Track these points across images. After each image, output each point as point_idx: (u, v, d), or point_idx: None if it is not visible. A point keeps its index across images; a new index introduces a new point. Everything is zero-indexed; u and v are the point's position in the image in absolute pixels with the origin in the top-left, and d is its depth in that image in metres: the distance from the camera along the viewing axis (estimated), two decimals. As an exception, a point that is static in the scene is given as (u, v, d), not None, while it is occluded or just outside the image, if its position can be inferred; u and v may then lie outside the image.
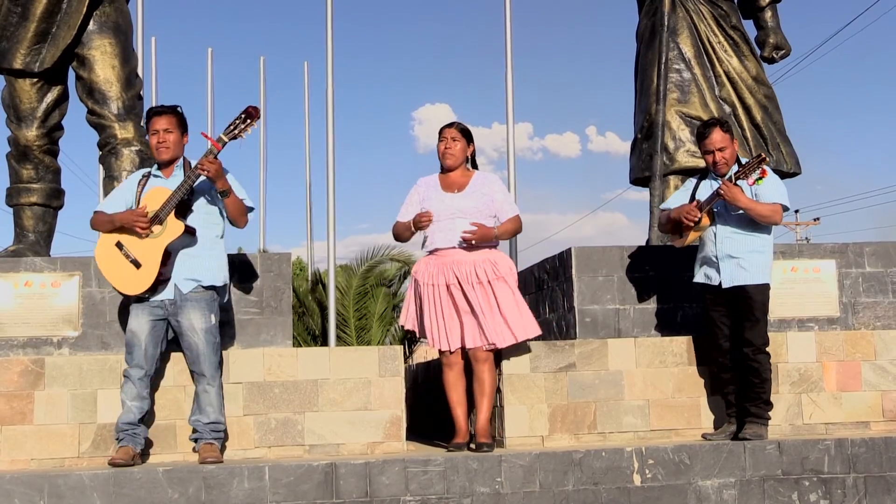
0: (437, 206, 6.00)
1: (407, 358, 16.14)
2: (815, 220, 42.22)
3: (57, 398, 5.75)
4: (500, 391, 6.14)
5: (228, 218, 5.70)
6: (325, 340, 11.42)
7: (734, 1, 8.20)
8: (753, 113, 7.92)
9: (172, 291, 5.53)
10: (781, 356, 6.43)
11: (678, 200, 6.23)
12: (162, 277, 5.50)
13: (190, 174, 5.48)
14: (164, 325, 5.57)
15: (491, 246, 6.01)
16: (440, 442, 6.48)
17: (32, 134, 6.78)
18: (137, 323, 5.49)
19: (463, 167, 6.12)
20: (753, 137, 7.88)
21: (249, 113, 5.46)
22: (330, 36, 9.67)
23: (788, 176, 7.99)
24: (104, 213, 5.68)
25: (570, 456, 5.50)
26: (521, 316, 5.95)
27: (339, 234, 10.06)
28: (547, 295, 7.48)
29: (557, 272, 7.26)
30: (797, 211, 41.98)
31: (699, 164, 7.29)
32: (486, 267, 5.89)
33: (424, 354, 16.32)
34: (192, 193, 5.57)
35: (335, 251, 9.59)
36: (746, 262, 5.88)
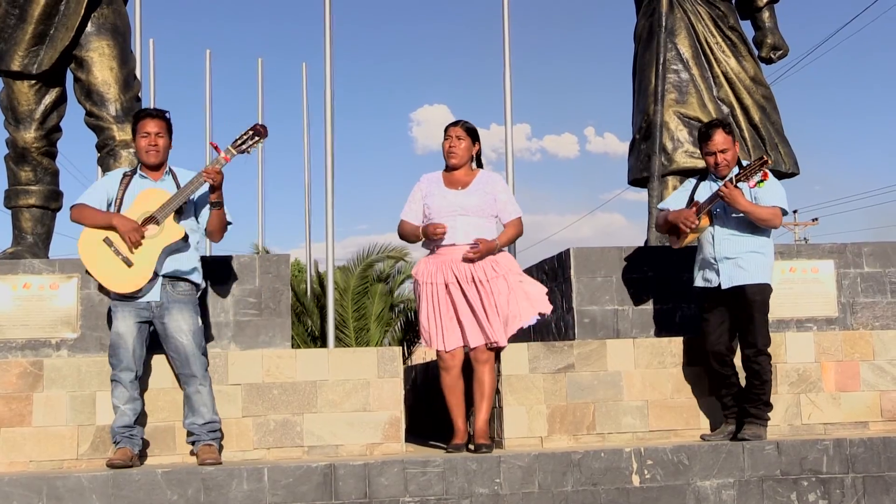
0: (438, 202, 5.99)
1: (406, 359, 16.15)
2: (813, 220, 42.26)
3: (55, 400, 5.75)
4: (498, 392, 6.14)
5: (207, 229, 5.69)
6: (323, 341, 11.42)
7: (732, 1, 8.20)
8: (751, 113, 7.92)
9: (158, 293, 5.51)
10: (780, 356, 6.43)
11: (677, 200, 6.21)
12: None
13: (195, 180, 5.50)
14: (147, 327, 5.55)
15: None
16: (439, 443, 6.48)
17: (31, 136, 6.78)
18: (125, 325, 5.46)
19: (468, 166, 6.11)
20: (751, 138, 7.88)
21: (258, 130, 5.53)
22: (328, 37, 9.68)
23: (787, 176, 8.00)
24: (89, 206, 5.55)
25: (568, 457, 5.51)
26: (520, 310, 5.93)
27: (337, 235, 10.10)
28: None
29: (556, 273, 7.27)
30: (795, 211, 42.01)
31: (697, 164, 7.30)
32: (484, 265, 5.88)
33: (423, 355, 16.31)
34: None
35: (334, 252, 9.60)
36: (745, 261, 5.86)
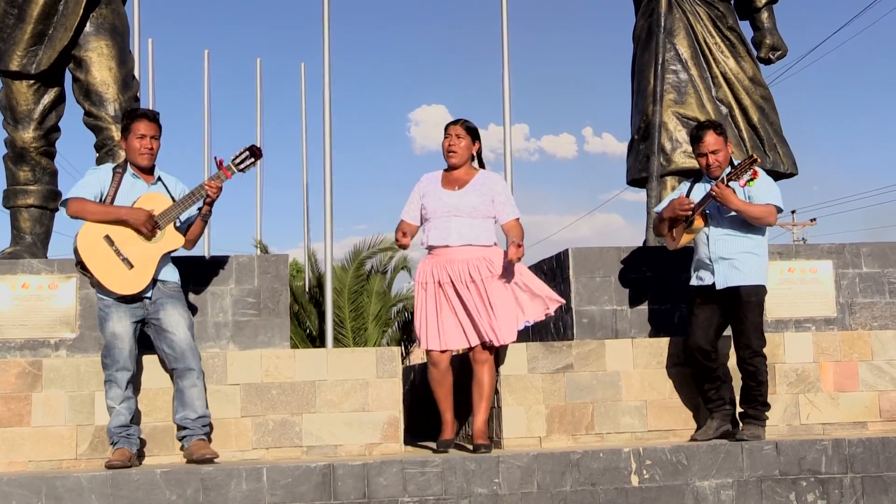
0: (434, 203, 5.98)
1: (404, 359, 16.16)
2: (811, 220, 42.27)
3: (54, 400, 5.74)
4: (497, 392, 6.14)
5: (186, 237, 5.71)
6: (321, 341, 11.43)
7: (731, 2, 8.21)
8: (750, 114, 7.93)
9: (151, 291, 5.56)
10: (779, 357, 6.44)
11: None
12: None
13: (196, 192, 5.58)
14: (139, 326, 5.59)
15: (486, 244, 5.96)
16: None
17: (29, 136, 6.78)
18: (122, 326, 5.47)
19: (468, 165, 6.08)
20: (750, 138, 7.88)
21: (254, 152, 5.70)
22: (326, 37, 9.69)
23: (785, 176, 8.01)
24: (90, 200, 5.54)
25: (567, 457, 5.51)
26: (515, 312, 5.91)
27: (336, 235, 10.10)
28: (544, 296, 7.47)
29: (555, 273, 7.27)
30: (794, 212, 42.04)
31: (696, 164, 7.28)
32: (479, 265, 5.86)
33: (422, 355, 16.30)
34: None
35: (332, 252, 9.63)
36: (740, 262, 5.86)
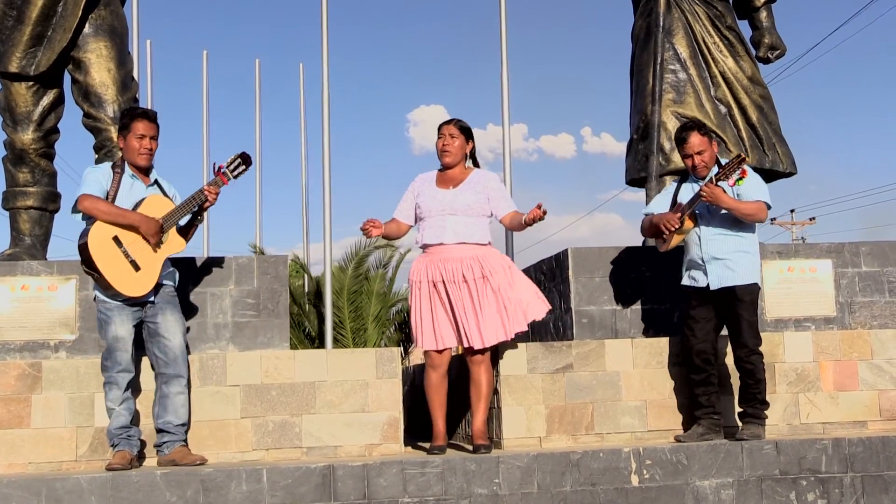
0: (428, 202, 5.98)
1: (404, 359, 16.15)
2: (810, 219, 42.27)
3: (54, 402, 5.74)
4: (497, 392, 6.14)
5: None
6: (321, 342, 11.42)
7: (729, 1, 8.21)
8: (749, 113, 7.93)
9: (154, 293, 5.58)
10: (778, 356, 6.44)
11: (660, 204, 6.21)
12: None
13: (196, 196, 5.61)
14: (137, 328, 5.62)
15: (481, 243, 5.95)
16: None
17: (28, 137, 6.78)
18: (125, 329, 5.49)
19: (462, 164, 6.08)
20: (749, 137, 7.88)
21: (245, 160, 5.75)
22: (325, 37, 9.68)
23: (784, 176, 8.01)
24: (103, 199, 5.50)
25: (567, 457, 5.51)
26: (507, 313, 5.84)
27: (334, 235, 10.09)
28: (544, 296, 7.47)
29: (554, 273, 7.27)
30: (793, 211, 42.05)
31: (694, 164, 7.29)
32: (473, 264, 5.84)
33: (421, 356, 16.30)
34: None
35: (331, 253, 9.60)
36: (734, 262, 5.87)
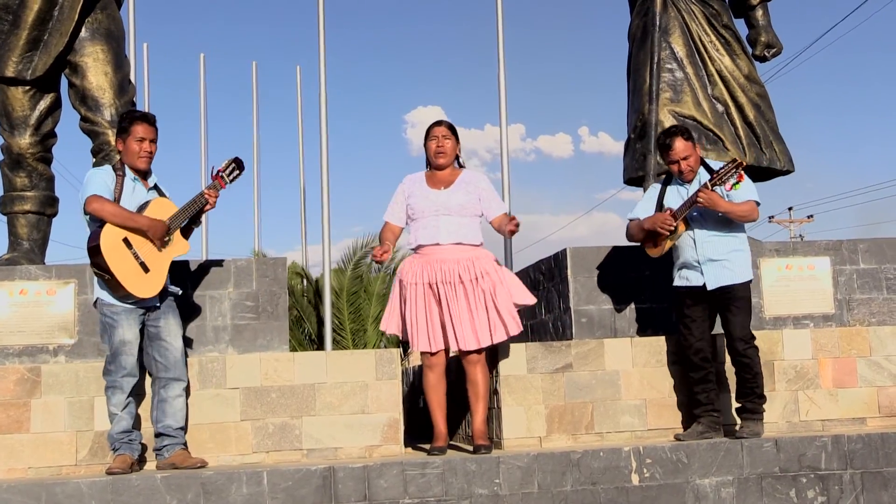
0: (421, 203, 6.00)
1: (403, 360, 16.14)
2: (808, 217, 42.30)
3: (53, 406, 5.74)
4: (497, 393, 6.14)
5: None
6: (320, 344, 11.42)
7: (725, 0, 8.21)
8: (746, 111, 7.92)
9: (157, 297, 5.59)
10: (777, 354, 6.44)
11: (644, 208, 6.22)
12: None
13: (197, 200, 5.64)
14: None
15: (474, 243, 5.97)
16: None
17: (25, 142, 6.77)
18: (132, 333, 5.49)
19: (452, 165, 6.15)
20: (746, 136, 7.88)
21: (239, 164, 5.79)
22: (322, 39, 9.69)
23: (782, 174, 8.01)
24: (111, 201, 5.49)
25: (567, 456, 5.51)
26: (499, 315, 5.87)
27: (333, 236, 10.11)
28: (543, 296, 7.48)
29: (553, 273, 7.27)
30: (791, 209, 42.08)
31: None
32: (468, 266, 5.86)
33: (420, 357, 16.29)
34: None
35: (330, 254, 9.61)
36: (730, 262, 5.94)
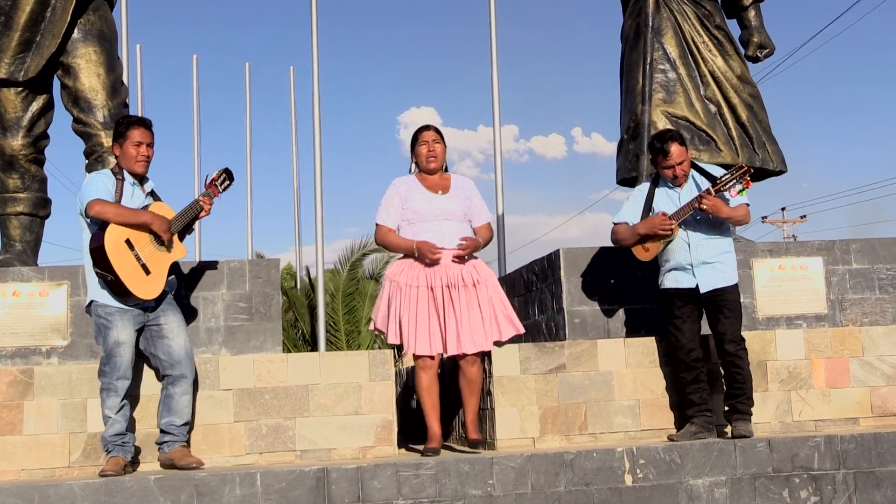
0: (425, 207, 6.01)
1: (397, 361, 16.14)
2: (801, 217, 42.39)
3: (46, 408, 5.73)
4: (490, 393, 6.15)
5: None
6: (314, 345, 11.42)
7: (718, 1, 8.22)
8: (739, 112, 7.94)
9: (157, 298, 5.59)
10: (770, 354, 6.45)
11: (631, 212, 6.21)
12: None
13: (193, 206, 5.66)
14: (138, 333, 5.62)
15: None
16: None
17: (18, 143, 6.76)
18: (126, 334, 5.48)
19: (441, 169, 6.20)
20: (739, 136, 7.90)
21: (230, 174, 5.83)
22: (315, 41, 9.70)
23: (775, 174, 8.03)
24: (110, 202, 5.47)
25: (561, 457, 5.51)
26: (502, 316, 6.01)
27: (327, 237, 10.13)
28: (536, 297, 7.49)
29: (546, 274, 7.27)
30: (784, 209, 42.16)
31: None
32: (471, 270, 5.96)
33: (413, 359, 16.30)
34: None
35: (323, 255, 9.62)
36: (722, 265, 5.99)
